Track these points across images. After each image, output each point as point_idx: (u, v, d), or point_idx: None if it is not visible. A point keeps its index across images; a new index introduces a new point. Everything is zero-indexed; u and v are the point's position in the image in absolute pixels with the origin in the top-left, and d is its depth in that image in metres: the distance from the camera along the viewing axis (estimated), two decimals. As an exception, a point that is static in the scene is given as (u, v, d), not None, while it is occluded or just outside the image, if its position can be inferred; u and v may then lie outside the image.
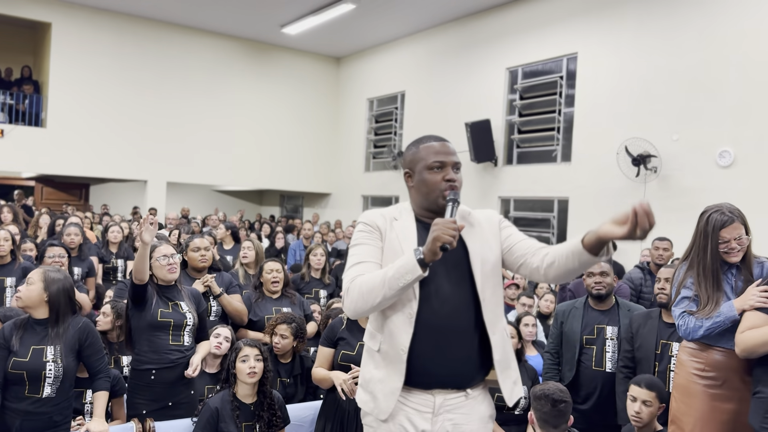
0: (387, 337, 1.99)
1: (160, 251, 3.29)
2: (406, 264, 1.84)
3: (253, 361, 2.97)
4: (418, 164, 2.06)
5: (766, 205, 7.19)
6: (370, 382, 2.04)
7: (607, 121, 9.12)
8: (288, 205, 17.75)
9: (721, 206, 2.72)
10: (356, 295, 1.91)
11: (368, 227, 2.06)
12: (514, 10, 10.85)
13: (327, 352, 3.11)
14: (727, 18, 7.79)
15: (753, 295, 2.52)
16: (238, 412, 2.91)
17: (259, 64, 14.63)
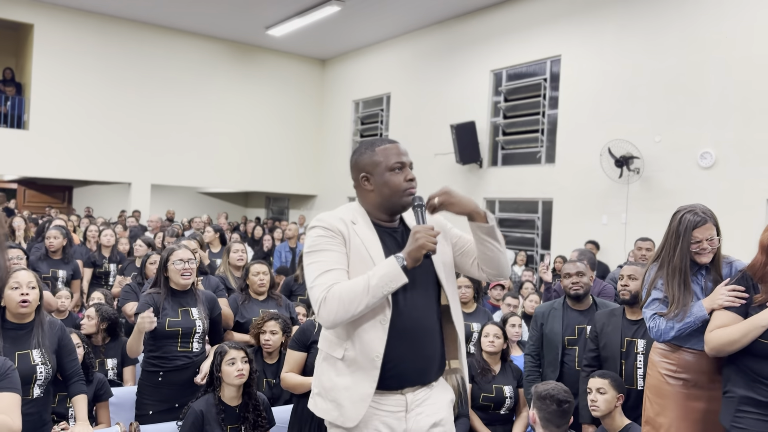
0: (356, 344, 1.97)
1: (177, 255, 3.34)
2: (389, 272, 1.86)
3: (240, 363, 2.97)
4: (378, 167, 2.07)
5: (746, 205, 7.31)
6: (331, 390, 2.01)
7: (590, 122, 9.21)
8: (274, 207, 17.71)
9: (694, 207, 2.74)
10: (335, 304, 1.87)
11: (329, 232, 2.01)
12: (498, 12, 10.93)
13: (298, 357, 3.05)
14: (708, 20, 7.91)
15: (722, 295, 2.55)
16: (224, 415, 2.90)
17: (244, 66, 14.59)
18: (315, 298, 1.93)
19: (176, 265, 3.31)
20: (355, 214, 2.10)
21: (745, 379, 2.45)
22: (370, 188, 2.10)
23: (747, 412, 2.42)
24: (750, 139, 7.46)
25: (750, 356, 2.43)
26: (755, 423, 2.39)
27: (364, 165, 2.11)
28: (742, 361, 2.47)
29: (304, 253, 2.04)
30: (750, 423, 2.40)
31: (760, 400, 2.39)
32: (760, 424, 2.39)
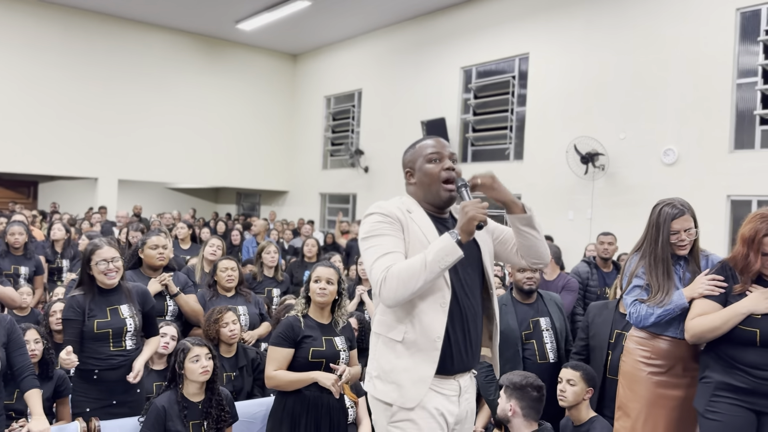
0: (416, 326, 2.03)
1: (99, 255, 3.15)
2: (445, 246, 1.92)
3: (205, 360, 2.96)
4: (417, 161, 2.18)
5: (708, 201, 7.49)
6: (391, 372, 2.05)
7: (557, 120, 9.34)
8: (245, 203, 17.59)
9: (672, 200, 2.87)
10: (395, 282, 1.93)
11: (387, 218, 2.08)
12: (468, 9, 11.00)
13: (286, 353, 2.98)
14: (672, 20, 8.08)
15: (702, 284, 2.65)
16: (186, 412, 2.90)
17: (214, 60, 14.45)
18: (375, 279, 1.98)
19: (99, 266, 3.14)
20: (410, 204, 2.17)
21: (723, 365, 2.55)
22: (413, 181, 2.20)
23: (722, 396, 2.53)
24: (711, 136, 7.65)
25: (728, 343, 2.54)
26: (729, 407, 2.50)
27: (407, 161, 2.23)
28: (721, 348, 2.57)
29: (362, 238, 2.10)
30: (724, 407, 2.51)
31: (736, 385, 2.49)
32: (733, 408, 2.49)
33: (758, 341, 2.46)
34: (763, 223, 2.47)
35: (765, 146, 7.43)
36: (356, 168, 13.21)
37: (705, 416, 2.57)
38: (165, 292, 3.98)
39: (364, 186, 13.21)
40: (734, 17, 7.55)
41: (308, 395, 2.96)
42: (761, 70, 7.40)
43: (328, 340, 3.05)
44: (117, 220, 9.97)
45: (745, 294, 2.54)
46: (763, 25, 7.40)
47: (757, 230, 2.48)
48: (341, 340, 3.10)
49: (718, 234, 7.40)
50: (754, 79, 7.48)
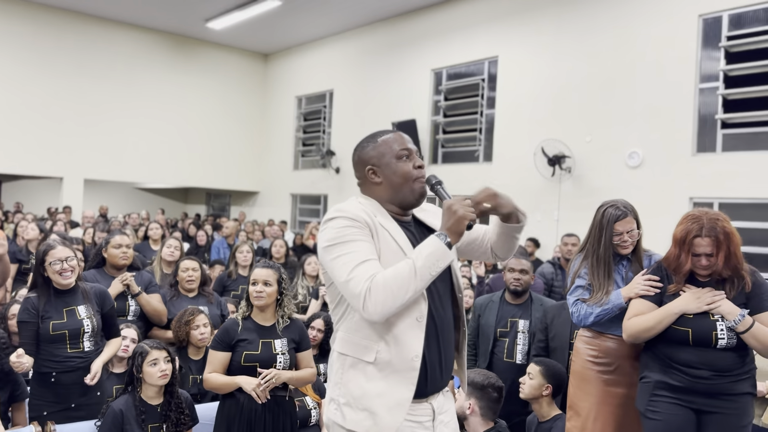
0: (390, 345, 1.82)
1: (53, 255, 3.09)
2: (435, 251, 1.74)
3: (163, 363, 2.92)
4: (384, 157, 1.94)
5: (672, 203, 7.65)
6: (362, 398, 1.83)
7: (525, 122, 9.44)
8: (215, 203, 17.42)
9: (616, 202, 2.91)
10: (382, 294, 1.71)
11: (355, 222, 1.84)
12: (438, 12, 11.06)
13: (222, 357, 2.96)
14: (637, 26, 8.23)
15: (638, 284, 2.69)
16: (144, 416, 2.86)
17: (184, 59, 14.28)
18: (355, 293, 1.74)
19: (54, 266, 3.09)
20: (371, 207, 1.93)
21: (660, 365, 2.59)
22: (378, 180, 1.96)
23: (661, 396, 2.56)
24: (675, 140, 7.81)
25: (664, 343, 2.58)
26: (668, 406, 2.54)
27: (369, 158, 1.97)
28: (658, 347, 2.61)
29: (325, 247, 1.84)
30: (663, 407, 2.55)
31: (673, 384, 2.53)
32: (672, 407, 2.53)
33: (691, 340, 2.50)
34: (693, 224, 2.50)
35: (726, 149, 7.61)
36: (327, 169, 13.18)
37: (646, 416, 2.61)
38: (127, 292, 3.93)
39: (335, 187, 13.18)
40: (697, 23, 7.72)
41: (241, 399, 2.92)
42: (722, 75, 7.58)
43: (266, 342, 3.00)
44: (82, 221, 9.80)
45: (679, 294, 2.58)
46: (725, 31, 7.59)
47: (688, 231, 2.50)
48: (282, 343, 3.03)
49: (680, 235, 7.56)
50: (715, 84, 7.66)
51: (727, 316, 2.46)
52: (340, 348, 1.92)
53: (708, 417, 2.51)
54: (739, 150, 7.49)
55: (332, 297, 1.96)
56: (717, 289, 2.54)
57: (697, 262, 2.52)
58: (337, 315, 1.95)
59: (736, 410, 2.49)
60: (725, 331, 2.46)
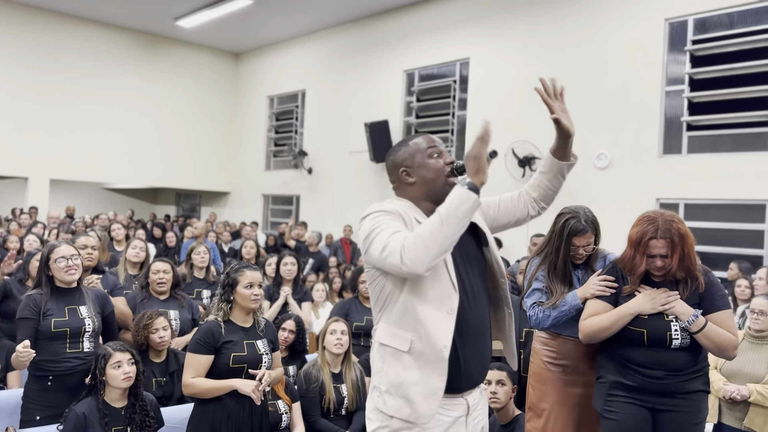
0: (422, 335, 1.89)
1: (58, 252, 3.18)
2: (457, 195, 1.80)
3: (127, 365, 2.87)
4: (415, 158, 2.03)
5: (638, 204, 7.77)
6: (400, 385, 1.91)
7: (496, 124, 9.44)
8: (185, 204, 17.20)
9: (577, 213, 2.88)
10: (414, 246, 1.76)
11: (388, 213, 1.93)
12: (410, 13, 11.09)
13: (205, 360, 2.88)
14: (605, 30, 8.36)
15: (594, 285, 2.71)
16: (108, 419, 2.80)
17: (153, 58, 14.07)
18: (393, 252, 1.78)
19: (59, 263, 3.17)
20: (407, 207, 2.01)
21: (616, 365, 2.62)
22: (411, 180, 2.04)
23: (618, 396, 2.59)
24: (642, 142, 7.95)
25: (619, 343, 2.60)
26: (625, 406, 2.57)
27: (401, 160, 2.07)
28: (613, 348, 2.63)
29: (365, 237, 1.91)
30: (620, 406, 2.57)
31: (629, 384, 2.56)
32: (629, 407, 2.56)
33: (646, 341, 2.52)
34: (649, 225, 2.51)
35: (692, 151, 7.77)
36: (300, 169, 13.11)
37: (603, 416, 2.64)
38: None
39: (307, 187, 13.12)
40: (663, 27, 7.87)
41: (228, 402, 2.88)
42: (688, 78, 7.74)
43: (250, 343, 2.99)
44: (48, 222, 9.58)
45: (634, 295, 2.61)
46: (690, 35, 7.75)
47: (644, 233, 2.51)
48: (263, 343, 3.04)
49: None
50: (681, 87, 7.81)
51: (681, 317, 2.49)
52: (380, 338, 2.00)
53: (663, 415, 2.55)
54: (704, 152, 7.65)
55: (374, 292, 2.02)
56: (671, 289, 2.56)
57: (652, 263, 2.53)
58: (378, 308, 2.02)
59: (689, 408, 2.53)
60: (679, 332, 2.50)
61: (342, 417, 3.68)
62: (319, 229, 11.28)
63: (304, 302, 5.12)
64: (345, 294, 6.57)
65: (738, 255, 6.72)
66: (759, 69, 7.18)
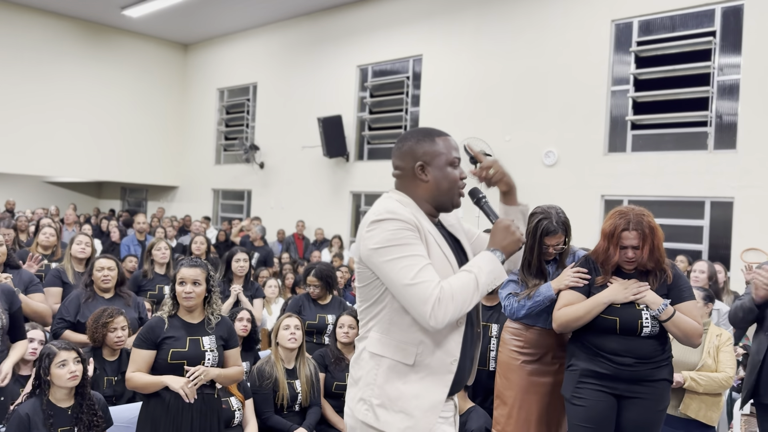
0: (430, 347, 1.86)
1: None
2: (494, 269, 1.82)
3: (73, 364, 2.78)
4: (439, 158, 1.94)
5: (585, 201, 8.00)
6: (398, 400, 1.85)
7: (448, 121, 9.60)
8: (130, 198, 16.74)
9: (550, 214, 2.99)
10: (452, 304, 1.75)
11: (408, 225, 1.83)
12: (364, 9, 11.07)
13: (147, 355, 2.88)
14: (553, 30, 8.55)
15: (568, 276, 2.83)
16: (53, 419, 2.72)
17: (98, 48, 13.62)
18: (423, 298, 1.74)
19: None
20: (413, 209, 1.92)
21: (588, 354, 2.74)
22: (425, 179, 1.95)
23: (587, 383, 2.71)
24: (588, 140, 8.17)
25: (592, 332, 2.72)
26: (593, 393, 2.69)
27: (423, 153, 1.95)
28: (585, 336, 2.75)
29: (377, 249, 1.81)
30: (588, 393, 2.70)
31: (600, 371, 2.69)
32: (597, 393, 2.69)
33: (618, 329, 2.66)
34: (621, 219, 2.67)
35: (636, 149, 8.03)
36: (251, 164, 12.94)
37: (571, 402, 2.75)
38: None
39: (259, 182, 12.97)
40: (609, 29, 8.10)
41: (167, 399, 2.84)
42: (633, 78, 7.99)
43: (194, 340, 2.94)
44: (-16, 216, 9.17)
45: (606, 285, 2.74)
46: (635, 36, 8.00)
47: (616, 225, 2.68)
48: (210, 340, 2.98)
49: (593, 231, 7.91)
50: (626, 87, 8.06)
51: (651, 306, 2.64)
52: (375, 349, 1.90)
53: (628, 402, 2.68)
54: (647, 150, 7.93)
55: (365, 296, 1.93)
56: (641, 281, 2.70)
57: (623, 255, 2.68)
58: (370, 314, 1.93)
59: (654, 395, 2.66)
60: (649, 320, 2.64)
61: (296, 413, 3.67)
62: (272, 225, 11.18)
63: (256, 299, 5.07)
64: (298, 290, 6.54)
65: (679, 250, 7.00)
66: (699, 71, 7.48)
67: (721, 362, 3.53)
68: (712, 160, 7.29)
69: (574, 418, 2.73)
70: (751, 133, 6.98)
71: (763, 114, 6.89)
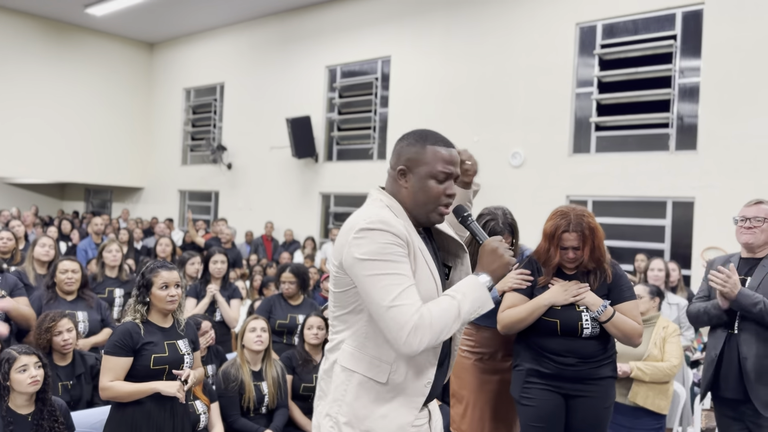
0: (406, 368, 1.77)
1: None
2: (480, 297, 1.72)
3: (34, 369, 2.72)
4: (422, 167, 1.80)
5: (550, 201, 8.09)
6: (366, 419, 1.76)
7: (417, 122, 9.64)
8: (94, 200, 16.41)
9: (496, 215, 3.01)
10: (429, 332, 1.65)
11: (398, 240, 1.72)
12: (332, 9, 11.05)
13: (124, 362, 2.78)
14: (519, 33, 8.65)
15: (511, 278, 2.84)
16: (12, 427, 2.65)
17: (60, 47, 13.33)
18: (400, 323, 1.65)
19: None
20: (403, 219, 1.81)
21: (532, 354, 2.76)
22: (404, 186, 1.84)
23: (533, 383, 2.74)
24: (553, 141, 8.29)
25: (535, 333, 2.75)
26: (540, 392, 2.72)
27: (407, 157, 1.83)
28: (529, 337, 2.78)
29: (361, 259, 1.70)
30: (536, 393, 2.73)
31: (544, 371, 2.71)
32: (544, 393, 2.72)
33: (559, 330, 2.69)
34: (562, 219, 2.68)
35: (599, 151, 8.18)
36: (218, 164, 12.80)
37: (520, 402, 2.79)
38: None
39: (227, 183, 12.84)
40: (574, 31, 8.23)
41: (149, 404, 2.81)
42: (597, 80, 8.14)
43: (171, 344, 2.91)
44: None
45: (548, 286, 2.76)
46: (599, 39, 8.15)
47: (557, 226, 2.68)
48: (185, 343, 2.97)
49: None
50: (590, 89, 8.20)
51: (591, 307, 2.66)
52: (347, 363, 1.81)
53: (575, 401, 2.71)
54: (611, 151, 8.08)
55: (342, 303, 1.83)
56: (582, 281, 2.73)
57: (564, 255, 2.69)
58: (345, 324, 1.83)
59: (599, 393, 2.70)
60: (589, 322, 2.67)
61: (262, 415, 3.65)
62: (240, 226, 11.09)
63: (233, 299, 5.03)
64: (266, 291, 6.50)
65: (642, 249, 7.15)
66: (660, 73, 7.66)
67: (666, 352, 3.66)
68: (673, 161, 7.47)
69: (524, 418, 2.76)
70: (710, 135, 7.17)
71: (722, 116, 7.09)
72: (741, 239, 3.06)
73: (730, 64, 7.01)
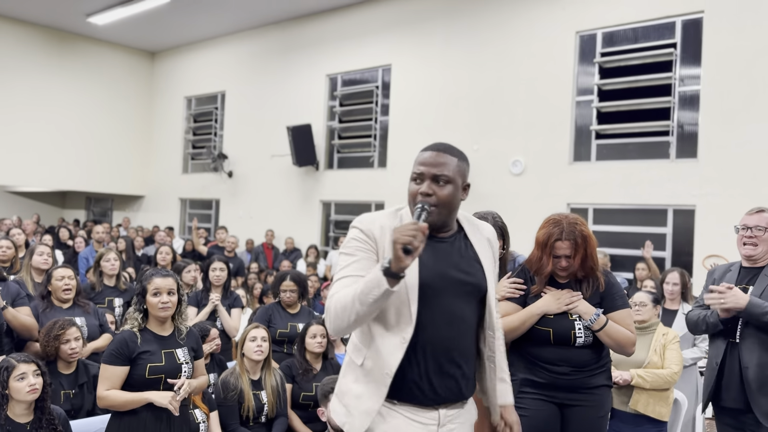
0: (373, 354, 1.92)
1: None
2: (372, 278, 1.73)
3: (32, 377, 2.72)
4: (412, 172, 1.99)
5: (550, 209, 8.03)
6: (345, 395, 1.98)
7: (417, 130, 9.66)
8: (95, 208, 16.42)
9: (486, 220, 2.93)
10: (332, 314, 1.83)
11: (363, 235, 1.92)
12: (332, 18, 11.10)
13: (121, 371, 2.79)
14: (520, 41, 8.68)
15: (504, 287, 2.81)
16: (11, 435, 2.65)
17: (62, 56, 13.38)
18: (327, 309, 1.88)
19: None
20: (402, 217, 1.97)
21: (526, 363, 2.74)
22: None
23: (527, 392, 2.71)
24: (553, 149, 8.30)
25: (528, 342, 2.72)
26: (534, 402, 2.69)
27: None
28: (523, 346, 2.75)
29: (340, 253, 1.99)
30: (530, 403, 2.69)
31: (537, 381, 2.69)
32: (538, 403, 2.69)
33: (552, 339, 2.67)
34: (555, 227, 2.66)
35: (600, 159, 8.18)
36: (219, 173, 12.82)
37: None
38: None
39: (227, 191, 12.85)
40: (574, 40, 8.26)
41: (145, 414, 2.79)
42: (597, 89, 8.15)
43: (169, 353, 2.90)
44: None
45: (541, 295, 2.74)
46: (599, 47, 8.17)
47: (550, 234, 2.66)
48: (183, 352, 2.95)
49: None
50: (590, 98, 8.22)
51: (583, 316, 2.64)
52: (348, 347, 2.07)
53: (570, 410, 2.68)
54: (611, 159, 8.08)
55: None
56: (575, 289, 2.70)
57: (557, 264, 2.67)
58: None
59: (594, 402, 2.68)
60: (582, 330, 2.65)
61: (262, 424, 3.63)
62: (241, 234, 11.08)
63: (234, 308, 5.01)
64: (266, 299, 6.48)
65: (643, 257, 7.13)
66: (661, 82, 7.67)
67: (666, 359, 3.66)
68: (673, 169, 7.47)
69: None
70: (711, 142, 7.17)
71: (722, 123, 7.09)
72: (743, 251, 3.05)
73: (730, 72, 7.03)
